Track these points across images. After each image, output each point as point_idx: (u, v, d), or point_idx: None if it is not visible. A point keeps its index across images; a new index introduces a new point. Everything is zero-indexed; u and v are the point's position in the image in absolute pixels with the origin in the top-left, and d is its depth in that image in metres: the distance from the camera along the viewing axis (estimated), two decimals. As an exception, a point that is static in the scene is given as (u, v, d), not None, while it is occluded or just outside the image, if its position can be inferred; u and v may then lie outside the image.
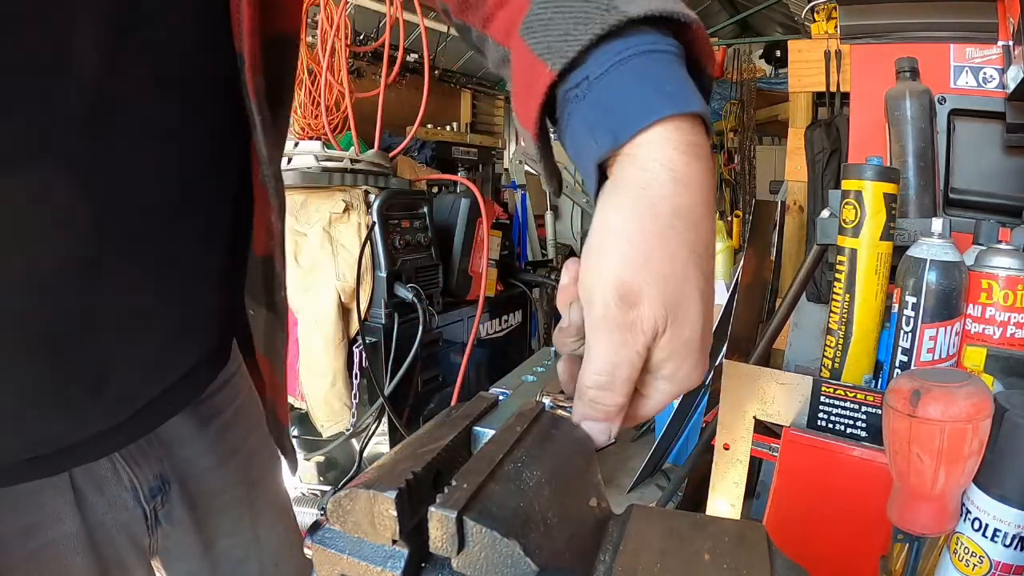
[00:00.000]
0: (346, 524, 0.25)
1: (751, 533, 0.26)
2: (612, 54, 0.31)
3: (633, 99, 0.30)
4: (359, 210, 1.71)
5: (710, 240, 0.32)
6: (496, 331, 2.23)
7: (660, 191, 0.30)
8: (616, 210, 0.31)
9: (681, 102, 0.30)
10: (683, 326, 0.30)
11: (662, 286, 0.30)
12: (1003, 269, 0.72)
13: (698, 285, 0.30)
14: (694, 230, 0.30)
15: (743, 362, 0.91)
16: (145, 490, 0.49)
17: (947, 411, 0.46)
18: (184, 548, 0.53)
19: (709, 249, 0.31)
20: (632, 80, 0.31)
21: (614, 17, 0.30)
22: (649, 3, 0.31)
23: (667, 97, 0.30)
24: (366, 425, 1.76)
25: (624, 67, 0.31)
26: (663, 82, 0.31)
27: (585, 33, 0.31)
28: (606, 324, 0.30)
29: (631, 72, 0.31)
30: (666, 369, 0.32)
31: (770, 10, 3.92)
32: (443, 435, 0.29)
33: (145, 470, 0.48)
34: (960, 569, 0.50)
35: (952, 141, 1.18)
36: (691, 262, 0.30)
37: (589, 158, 0.32)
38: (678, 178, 0.30)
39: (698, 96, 0.31)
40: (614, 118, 0.31)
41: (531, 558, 0.22)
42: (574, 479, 0.29)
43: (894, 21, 1.28)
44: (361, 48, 2.74)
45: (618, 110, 0.31)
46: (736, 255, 3.41)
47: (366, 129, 2.06)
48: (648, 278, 0.29)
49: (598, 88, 0.31)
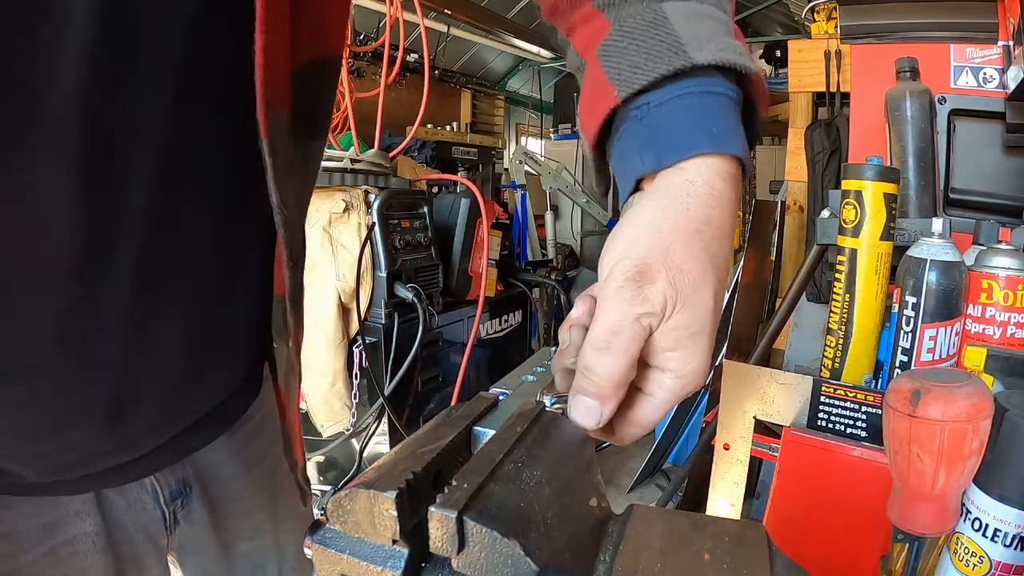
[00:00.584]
0: (346, 524, 0.25)
1: (751, 533, 0.26)
2: (676, 88, 0.34)
3: (682, 132, 0.34)
4: (359, 210, 1.71)
5: (727, 256, 0.34)
6: (496, 331, 2.23)
7: (697, 200, 0.33)
8: (653, 209, 0.33)
9: (722, 144, 0.34)
10: (692, 317, 0.31)
11: (678, 275, 0.31)
12: (1003, 269, 0.72)
13: (712, 288, 0.32)
14: (717, 241, 0.33)
15: (743, 362, 0.91)
16: (166, 493, 0.49)
17: (947, 411, 0.46)
18: (201, 546, 0.54)
19: (725, 265, 0.34)
20: (686, 115, 0.34)
21: (680, 61, 0.34)
22: (716, 53, 0.34)
23: (711, 137, 0.34)
24: (366, 425, 1.76)
25: (681, 102, 0.34)
26: (711, 123, 0.34)
27: (653, 71, 0.34)
28: (617, 293, 0.31)
29: (686, 108, 0.34)
30: (673, 361, 0.32)
31: (770, 10, 3.92)
32: (443, 435, 0.29)
33: (167, 474, 0.49)
34: (960, 569, 0.50)
35: (952, 141, 1.18)
36: (709, 267, 0.32)
37: (632, 172, 0.36)
38: (715, 194, 0.33)
39: (740, 141, 0.35)
40: (662, 144, 0.34)
41: (531, 558, 0.22)
42: (574, 479, 0.29)
43: (894, 21, 1.28)
44: (361, 48, 2.74)
45: (668, 139, 0.34)
46: (736, 255, 3.41)
47: (366, 129, 2.06)
48: (667, 264, 0.31)
49: (656, 114, 0.35)
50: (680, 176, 0.34)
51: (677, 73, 0.34)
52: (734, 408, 0.85)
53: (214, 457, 0.52)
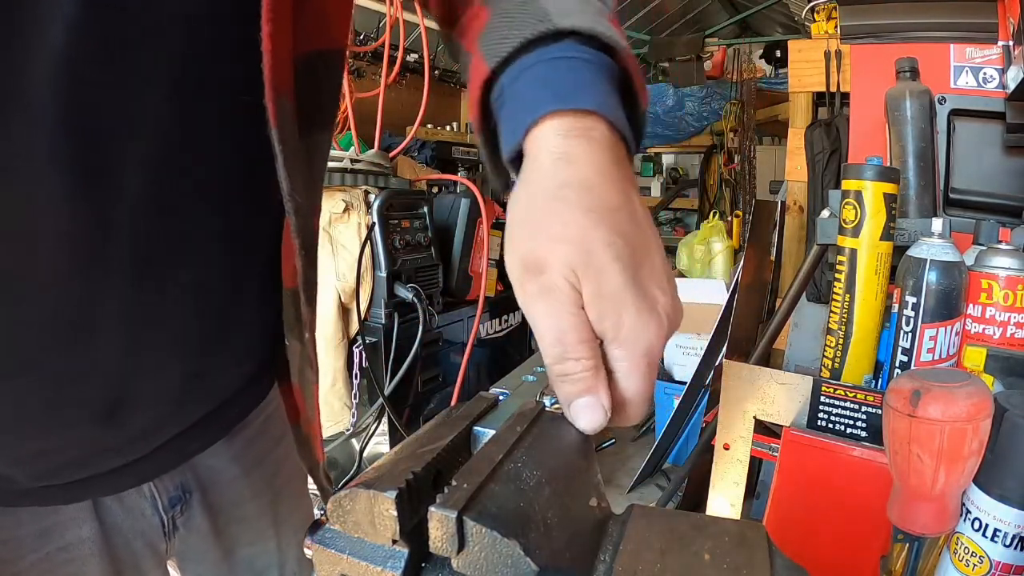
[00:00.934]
0: (346, 524, 0.25)
1: (751, 533, 0.26)
2: (530, 59, 0.34)
3: (529, 101, 0.33)
4: (359, 210, 1.71)
5: (616, 200, 0.32)
6: (496, 331, 2.23)
7: (544, 172, 0.32)
8: (516, 200, 0.33)
9: (569, 100, 0.32)
10: (598, 278, 0.30)
11: (560, 249, 0.30)
12: (1003, 269, 0.72)
13: (604, 238, 0.30)
14: (589, 194, 0.31)
15: (743, 362, 0.91)
16: (164, 499, 0.48)
17: (947, 411, 0.46)
18: (201, 553, 0.53)
19: (615, 208, 0.31)
20: (534, 84, 0.34)
21: (544, 26, 0.34)
22: (579, 20, 0.34)
23: (556, 96, 0.33)
24: (366, 425, 1.76)
25: (529, 73, 0.34)
26: (560, 84, 0.33)
27: (517, 38, 0.34)
28: (528, 299, 0.31)
29: (534, 77, 0.34)
30: (608, 331, 0.30)
31: (770, 10, 3.92)
32: (443, 435, 0.29)
33: (165, 480, 0.48)
34: (960, 569, 0.50)
35: (952, 141, 1.18)
36: (590, 221, 0.30)
37: (504, 156, 0.35)
38: (561, 156, 0.32)
39: (593, 95, 0.33)
40: (515, 120, 0.34)
41: (531, 558, 0.22)
42: (574, 479, 0.29)
43: (894, 21, 1.28)
44: (361, 48, 2.74)
45: (519, 112, 0.34)
46: (736, 255, 3.41)
47: (366, 129, 2.06)
48: (545, 245, 0.30)
49: (510, 94, 0.35)
50: (526, 161, 0.33)
51: (539, 40, 0.34)
52: (734, 408, 0.85)
53: (214, 461, 0.52)
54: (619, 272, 0.30)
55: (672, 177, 5.40)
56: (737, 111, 4.22)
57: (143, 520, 0.47)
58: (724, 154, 4.56)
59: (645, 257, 0.31)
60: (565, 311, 0.30)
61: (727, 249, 3.48)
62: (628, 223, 0.31)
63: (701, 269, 3.50)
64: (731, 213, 4.17)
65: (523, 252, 0.31)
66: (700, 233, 3.61)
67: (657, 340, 0.31)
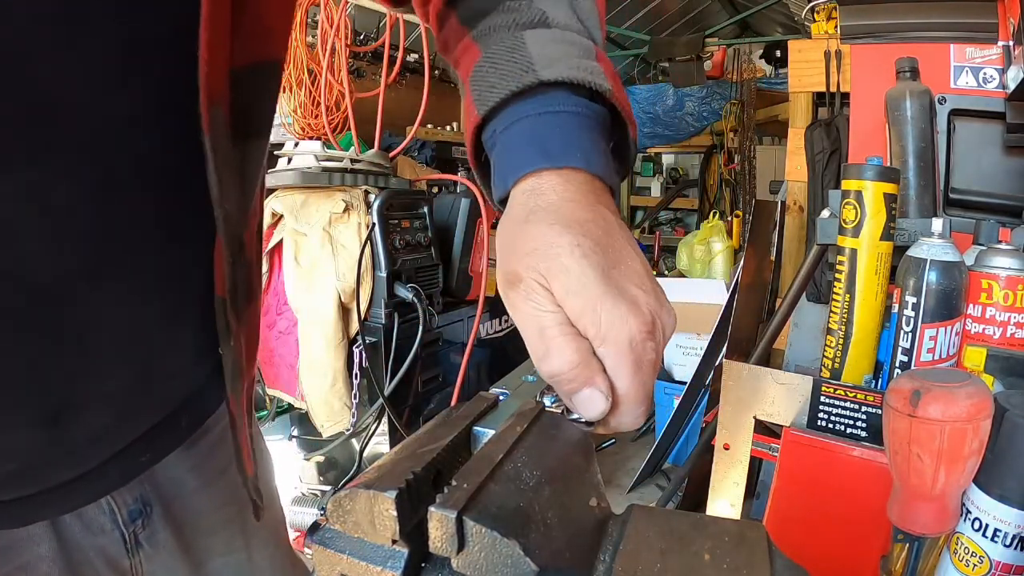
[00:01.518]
0: (346, 524, 0.25)
1: (751, 533, 0.26)
2: (519, 111, 0.37)
3: (518, 155, 0.36)
4: (359, 210, 1.71)
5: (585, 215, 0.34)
6: (496, 331, 2.23)
7: (518, 207, 0.35)
8: (497, 237, 0.36)
9: (557, 159, 0.35)
10: (566, 277, 0.31)
11: (530, 259, 0.32)
12: (1003, 269, 0.72)
13: (570, 241, 0.32)
14: (554, 213, 0.34)
15: (743, 362, 0.91)
16: (124, 513, 0.46)
17: (947, 411, 0.46)
18: (171, 570, 0.51)
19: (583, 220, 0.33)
20: (523, 138, 0.36)
21: (528, 78, 0.36)
22: (563, 71, 0.36)
23: (544, 154, 0.35)
24: (366, 425, 1.76)
25: (519, 125, 0.36)
26: (548, 140, 0.36)
27: (503, 89, 0.36)
28: (512, 309, 0.33)
29: (523, 131, 0.36)
30: (589, 327, 0.31)
31: (770, 10, 3.92)
32: (443, 435, 0.29)
33: (124, 493, 0.46)
34: (960, 569, 0.50)
35: (952, 141, 1.18)
36: (555, 231, 0.33)
37: (493, 200, 0.39)
38: (533, 192, 0.35)
39: (583, 153, 0.36)
40: (504, 168, 0.37)
41: (531, 558, 0.22)
42: (574, 479, 0.29)
43: (894, 21, 1.28)
44: (361, 48, 2.74)
45: (508, 162, 0.36)
46: (736, 255, 3.41)
47: (366, 129, 2.06)
48: (519, 259, 0.33)
49: (502, 139, 0.37)
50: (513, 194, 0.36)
51: (526, 91, 0.36)
52: (734, 408, 0.85)
53: (173, 472, 0.50)
54: (587, 267, 0.31)
55: (672, 177, 5.40)
56: (737, 111, 4.22)
57: (103, 536, 0.45)
58: (724, 154, 4.56)
59: (618, 259, 0.33)
60: (541, 310, 0.32)
61: (727, 249, 3.48)
62: (597, 230, 0.33)
63: (701, 269, 3.50)
64: (731, 213, 4.18)
65: (504, 272, 0.34)
66: (700, 233, 3.61)
67: (640, 334, 0.31)
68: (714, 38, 4.13)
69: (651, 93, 4.50)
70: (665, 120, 4.51)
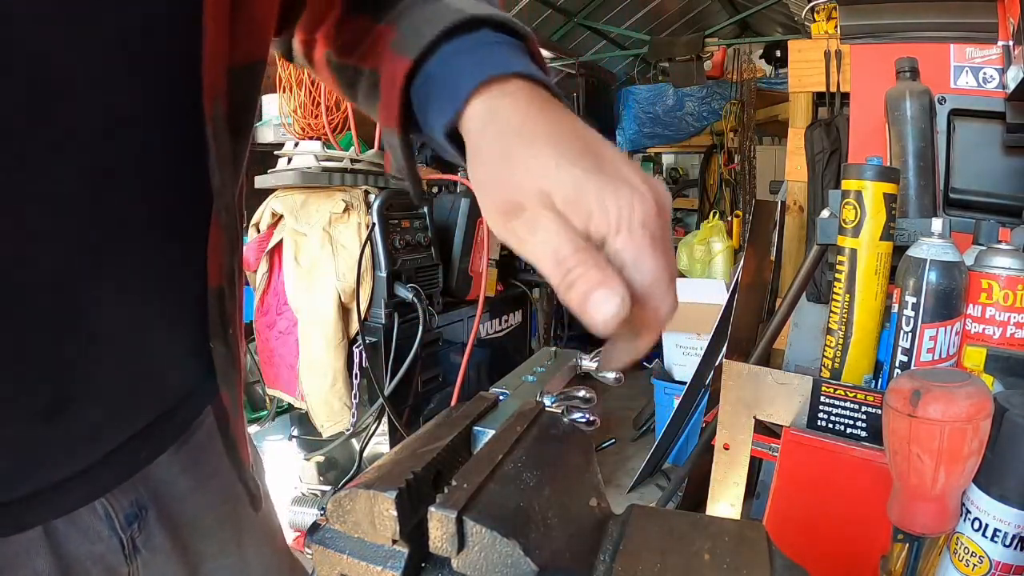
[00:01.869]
0: (346, 524, 0.25)
1: (751, 533, 0.26)
2: (455, 47, 0.38)
3: (466, 73, 0.37)
4: (359, 210, 1.71)
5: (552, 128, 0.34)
6: (496, 331, 2.23)
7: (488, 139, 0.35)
8: (471, 169, 0.36)
9: (507, 67, 0.36)
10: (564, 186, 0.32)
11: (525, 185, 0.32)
12: (1003, 269, 0.72)
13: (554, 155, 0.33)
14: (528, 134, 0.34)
15: (743, 362, 0.91)
16: (120, 518, 0.45)
17: (947, 411, 0.46)
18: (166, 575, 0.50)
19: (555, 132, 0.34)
20: (466, 60, 0.37)
21: (461, 16, 0.38)
22: (489, 11, 0.39)
23: (492, 65, 0.37)
24: (366, 425, 1.76)
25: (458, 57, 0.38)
26: (490, 58, 0.37)
27: (438, 27, 0.38)
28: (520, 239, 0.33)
29: (462, 60, 0.38)
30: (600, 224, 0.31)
31: (770, 10, 3.92)
32: (443, 435, 0.29)
33: (119, 496, 0.45)
34: (960, 569, 0.50)
35: (952, 141, 1.18)
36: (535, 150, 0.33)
37: (439, 131, 0.38)
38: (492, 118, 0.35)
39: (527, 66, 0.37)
40: (452, 91, 0.37)
41: (531, 558, 0.22)
42: (574, 479, 0.29)
43: (894, 21, 1.28)
44: (361, 48, 2.74)
45: (456, 84, 0.37)
46: (736, 255, 3.41)
47: (366, 129, 2.06)
48: (514, 190, 0.33)
49: (441, 72, 0.38)
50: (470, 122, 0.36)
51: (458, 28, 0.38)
52: (734, 408, 0.85)
53: (166, 473, 0.49)
54: (582, 171, 0.32)
55: (672, 177, 5.40)
56: (737, 111, 4.22)
57: (100, 543, 0.44)
58: (724, 154, 4.56)
59: (600, 156, 0.33)
60: (553, 231, 0.31)
61: (727, 249, 3.47)
62: (573, 136, 0.34)
63: (701, 269, 3.50)
64: (731, 213, 4.17)
65: (498, 203, 0.33)
66: (700, 233, 3.61)
67: (649, 212, 0.32)
68: (714, 38, 4.13)
69: (651, 93, 4.50)
70: (665, 120, 4.51)
